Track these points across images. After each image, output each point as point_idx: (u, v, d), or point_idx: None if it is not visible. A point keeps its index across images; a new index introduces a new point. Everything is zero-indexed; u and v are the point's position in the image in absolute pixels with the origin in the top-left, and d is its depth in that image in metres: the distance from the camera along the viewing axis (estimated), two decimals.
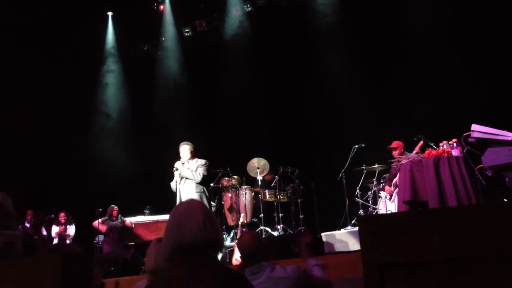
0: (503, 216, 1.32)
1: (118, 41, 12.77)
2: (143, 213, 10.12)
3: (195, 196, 7.12)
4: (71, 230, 10.18)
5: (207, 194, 7.55)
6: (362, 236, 1.44)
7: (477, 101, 8.57)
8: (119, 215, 9.88)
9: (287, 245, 7.34)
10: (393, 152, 7.93)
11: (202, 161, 7.39)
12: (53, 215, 10.32)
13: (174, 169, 7.33)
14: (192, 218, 2.16)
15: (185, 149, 7.42)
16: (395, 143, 7.95)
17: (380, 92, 9.74)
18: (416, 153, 6.79)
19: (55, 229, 10.14)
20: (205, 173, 7.36)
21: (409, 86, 9.40)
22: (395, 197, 7.64)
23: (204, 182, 7.40)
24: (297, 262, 4.01)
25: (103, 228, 9.82)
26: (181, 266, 2.09)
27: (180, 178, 7.30)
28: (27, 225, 10.16)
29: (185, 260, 2.10)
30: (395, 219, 1.45)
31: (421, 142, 7.03)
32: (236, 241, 3.35)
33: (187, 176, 7.26)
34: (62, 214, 10.16)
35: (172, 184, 7.44)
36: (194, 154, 7.45)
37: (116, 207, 9.89)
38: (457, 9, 9.25)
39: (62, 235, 10.01)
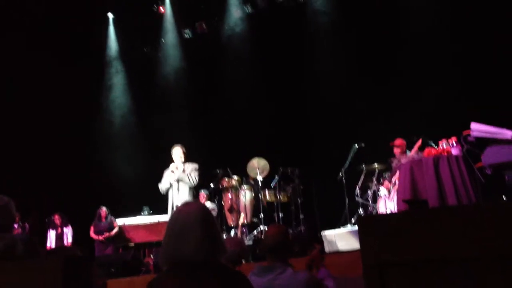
0: (503, 215, 1.32)
1: (120, 44, 12.78)
2: (141, 214, 10.10)
3: (190, 196, 7.11)
4: (68, 232, 10.05)
5: (198, 198, 7.48)
6: (361, 237, 1.44)
7: (475, 99, 8.59)
8: (109, 216, 9.82)
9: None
10: (395, 149, 7.91)
11: (195, 165, 7.29)
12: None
13: (170, 171, 7.23)
14: (190, 232, 2.10)
15: (178, 152, 7.32)
16: (398, 141, 7.91)
17: (378, 90, 9.74)
18: (416, 152, 6.79)
19: (52, 233, 10.02)
20: (198, 178, 7.26)
21: (408, 85, 9.41)
22: (393, 194, 7.63)
23: (196, 186, 7.35)
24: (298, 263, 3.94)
25: (92, 230, 9.78)
26: (182, 270, 2.09)
27: (175, 182, 7.19)
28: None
29: (186, 265, 2.10)
30: (395, 219, 1.46)
31: (419, 141, 7.03)
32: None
33: (183, 180, 7.16)
34: (56, 216, 10.02)
35: (161, 186, 7.31)
36: (186, 157, 7.39)
37: (104, 208, 9.82)
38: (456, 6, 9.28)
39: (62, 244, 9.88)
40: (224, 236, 2.80)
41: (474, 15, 8.95)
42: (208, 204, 8.89)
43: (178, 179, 7.16)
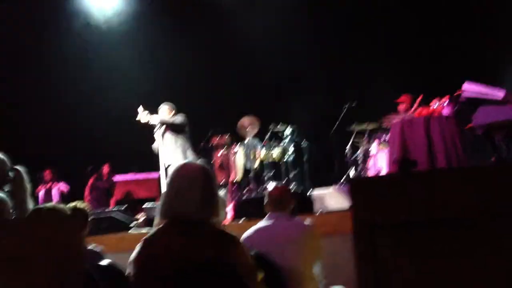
0: (491, 177, 1.34)
1: None
2: (131, 170, 10.06)
3: (178, 151, 7.11)
4: (60, 188, 9.85)
5: (190, 145, 7.48)
6: (352, 198, 1.45)
7: (467, 56, 8.56)
8: (110, 174, 9.78)
9: None
10: (399, 106, 7.63)
11: (178, 114, 7.31)
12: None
13: (138, 118, 7.07)
14: (189, 193, 2.16)
15: (164, 110, 7.33)
16: (403, 97, 7.53)
17: (371, 48, 9.66)
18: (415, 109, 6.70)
19: (42, 190, 9.87)
20: (184, 121, 7.24)
21: (401, 41, 9.34)
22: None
23: (183, 131, 7.32)
24: None
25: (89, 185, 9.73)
26: (176, 227, 2.16)
27: (161, 137, 7.17)
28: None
29: (180, 222, 2.15)
30: (384, 181, 1.46)
31: (421, 96, 6.84)
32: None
33: (163, 121, 7.14)
34: (47, 172, 9.83)
35: (154, 146, 7.34)
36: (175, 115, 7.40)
37: (107, 165, 9.79)
38: None
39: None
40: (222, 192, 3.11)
41: None
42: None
43: (159, 122, 7.14)
